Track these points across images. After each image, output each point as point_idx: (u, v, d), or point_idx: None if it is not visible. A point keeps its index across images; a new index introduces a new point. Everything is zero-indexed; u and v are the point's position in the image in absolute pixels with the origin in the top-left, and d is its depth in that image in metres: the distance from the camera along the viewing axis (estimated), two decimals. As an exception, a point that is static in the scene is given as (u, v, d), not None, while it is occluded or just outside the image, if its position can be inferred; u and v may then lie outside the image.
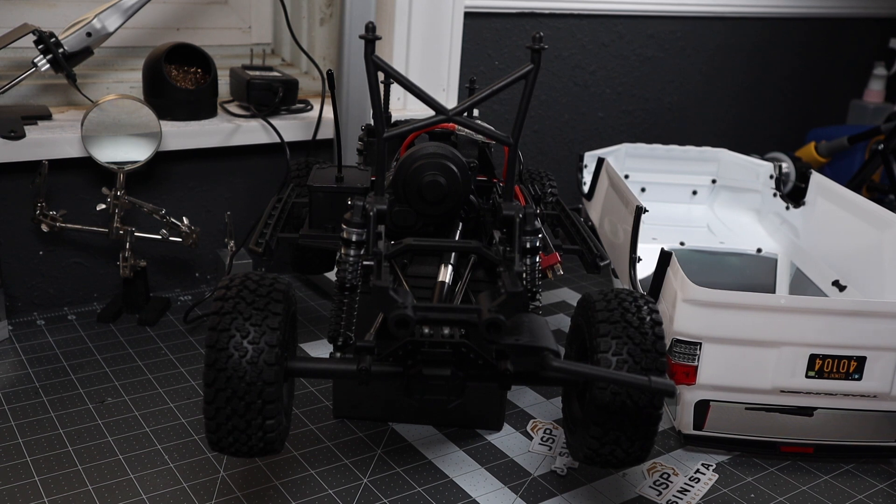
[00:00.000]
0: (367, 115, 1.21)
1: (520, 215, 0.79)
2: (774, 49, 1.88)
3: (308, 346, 1.09)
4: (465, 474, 0.85)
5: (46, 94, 1.19)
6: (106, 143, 1.09)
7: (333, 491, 0.81)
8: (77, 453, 0.84)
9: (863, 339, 0.84)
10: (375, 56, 0.74)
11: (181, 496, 0.78)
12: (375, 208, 0.77)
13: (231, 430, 0.68)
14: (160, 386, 0.97)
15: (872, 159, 1.61)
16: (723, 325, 0.85)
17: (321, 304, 1.22)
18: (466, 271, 0.79)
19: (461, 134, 0.94)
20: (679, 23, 1.70)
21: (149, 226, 1.15)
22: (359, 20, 1.18)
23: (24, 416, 0.90)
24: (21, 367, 1.00)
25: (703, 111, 1.83)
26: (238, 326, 0.67)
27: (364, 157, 1.04)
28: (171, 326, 1.12)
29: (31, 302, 1.15)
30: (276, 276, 0.73)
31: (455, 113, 0.76)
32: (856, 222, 1.10)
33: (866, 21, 2.01)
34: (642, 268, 1.06)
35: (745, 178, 1.40)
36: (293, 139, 1.24)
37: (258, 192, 1.28)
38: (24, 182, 1.09)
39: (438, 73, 1.39)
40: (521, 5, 1.48)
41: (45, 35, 1.07)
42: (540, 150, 1.62)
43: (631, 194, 1.05)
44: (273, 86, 1.22)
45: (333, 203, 0.91)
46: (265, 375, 0.66)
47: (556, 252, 0.90)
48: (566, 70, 1.59)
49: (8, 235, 1.11)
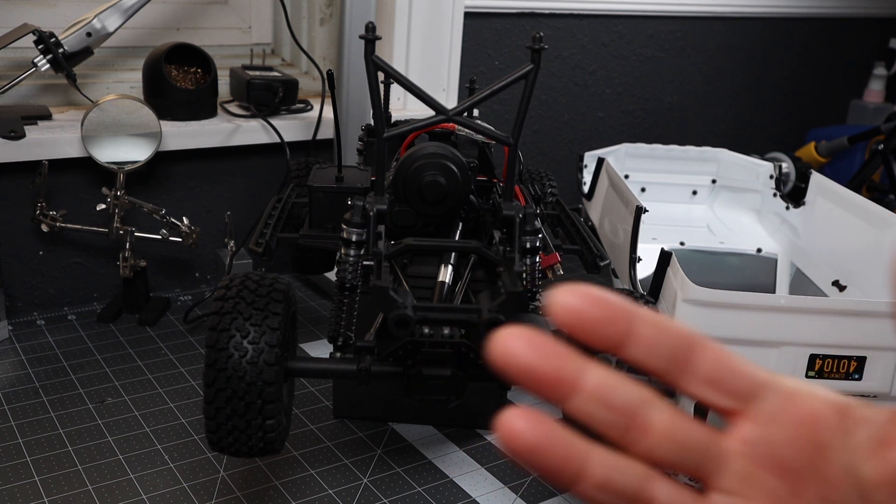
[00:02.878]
0: (367, 115, 1.21)
1: (520, 215, 0.79)
2: (774, 49, 1.88)
3: (308, 346, 1.09)
4: (465, 474, 0.85)
5: (46, 94, 1.19)
6: (106, 143, 1.09)
7: (333, 491, 0.81)
8: (77, 453, 0.84)
9: (863, 340, 0.84)
10: (375, 56, 0.74)
11: (181, 496, 0.78)
12: (375, 208, 0.77)
13: (231, 430, 0.68)
14: (160, 386, 0.97)
15: (872, 159, 1.61)
16: (723, 325, 0.85)
17: (321, 304, 1.22)
18: (466, 271, 0.79)
19: (461, 134, 0.93)
20: (679, 23, 1.70)
21: (149, 226, 1.15)
22: (359, 20, 1.18)
23: (24, 416, 0.90)
24: (21, 367, 1.00)
25: (703, 111, 1.83)
26: (238, 326, 0.67)
27: (364, 157, 1.04)
28: (171, 326, 1.12)
29: (31, 302, 1.15)
30: (276, 276, 0.73)
31: (455, 113, 0.76)
32: (856, 222, 1.10)
33: (866, 21, 2.01)
34: (642, 268, 1.06)
35: (745, 178, 1.40)
36: (293, 139, 1.24)
37: (258, 192, 1.28)
38: (24, 182, 1.09)
39: (438, 73, 1.39)
40: (521, 5, 1.48)
41: (45, 35, 1.07)
42: (540, 150, 1.62)
43: (631, 194, 1.05)
44: (273, 86, 1.22)
45: (333, 203, 0.91)
46: (265, 375, 0.66)
47: (556, 252, 0.90)
48: (566, 70, 1.59)
49: (8, 235, 1.11)
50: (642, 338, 0.27)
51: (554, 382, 0.26)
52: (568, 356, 0.27)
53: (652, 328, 0.28)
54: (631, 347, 0.27)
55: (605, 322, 0.27)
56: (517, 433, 0.26)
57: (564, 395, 0.27)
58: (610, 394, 0.27)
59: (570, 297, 0.26)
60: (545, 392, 0.26)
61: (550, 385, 0.26)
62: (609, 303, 0.27)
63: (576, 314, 0.26)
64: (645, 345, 0.28)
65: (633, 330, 0.27)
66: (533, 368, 0.26)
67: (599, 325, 0.27)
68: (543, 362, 0.26)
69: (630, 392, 0.27)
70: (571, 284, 0.27)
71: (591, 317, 0.27)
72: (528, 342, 0.26)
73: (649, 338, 0.28)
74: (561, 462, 0.27)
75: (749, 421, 0.29)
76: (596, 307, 0.27)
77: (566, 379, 0.26)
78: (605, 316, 0.27)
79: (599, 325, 0.27)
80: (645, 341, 0.27)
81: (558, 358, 0.26)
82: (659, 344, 0.28)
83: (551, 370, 0.26)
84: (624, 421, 0.27)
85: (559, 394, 0.27)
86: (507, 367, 0.26)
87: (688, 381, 0.28)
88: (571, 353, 0.27)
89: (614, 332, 0.27)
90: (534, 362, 0.26)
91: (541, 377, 0.26)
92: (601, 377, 0.27)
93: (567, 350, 0.27)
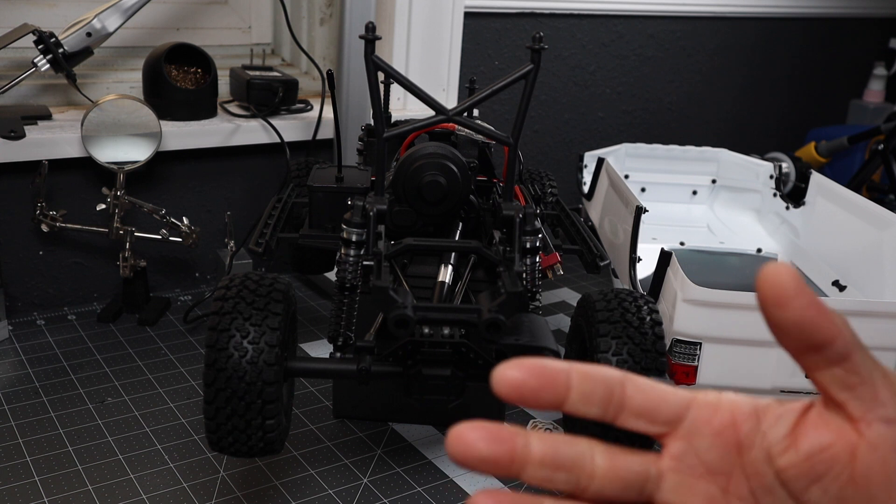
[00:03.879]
0: (367, 115, 1.21)
1: (520, 215, 0.79)
2: (774, 49, 1.88)
3: (308, 346, 1.09)
4: (466, 474, 0.85)
5: (46, 94, 1.19)
6: (106, 143, 1.09)
7: (333, 491, 0.81)
8: (77, 453, 0.84)
9: (863, 339, 0.84)
10: (375, 56, 0.74)
11: (181, 496, 0.78)
12: (375, 208, 0.77)
13: (231, 430, 0.68)
14: (160, 386, 0.97)
15: (872, 159, 1.61)
16: (723, 325, 0.85)
17: (321, 304, 1.22)
18: (466, 271, 0.79)
19: (461, 134, 0.93)
20: (679, 23, 1.70)
21: (149, 226, 1.15)
22: (359, 20, 1.18)
23: (24, 416, 0.90)
24: (21, 367, 1.00)
25: (703, 111, 1.83)
26: (238, 326, 0.67)
27: (364, 157, 1.04)
28: (171, 326, 1.12)
29: (31, 302, 1.15)
30: (276, 276, 0.73)
31: (455, 113, 0.76)
32: (856, 222, 1.10)
33: (866, 21, 2.01)
34: (642, 268, 1.06)
35: (745, 178, 1.40)
36: (293, 139, 1.24)
37: (258, 192, 1.28)
38: (24, 182, 1.09)
39: (438, 73, 1.39)
40: (521, 5, 1.48)
41: (45, 35, 1.07)
42: (540, 150, 1.62)
43: (631, 194, 1.05)
44: (273, 86, 1.22)
45: (333, 203, 0.91)
46: (265, 375, 0.66)
47: (556, 252, 0.90)
48: (566, 70, 1.59)
49: (8, 235, 1.11)
50: (577, 395, 0.32)
51: (507, 464, 0.31)
52: (515, 437, 0.31)
53: (585, 381, 0.32)
54: (569, 403, 0.32)
55: (543, 388, 0.31)
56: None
57: (518, 470, 0.31)
58: (554, 456, 0.31)
59: (511, 372, 0.31)
60: (501, 472, 0.31)
61: (505, 466, 0.31)
62: (545, 370, 0.31)
63: (517, 387, 0.31)
64: (581, 397, 0.32)
65: (570, 387, 0.32)
66: (488, 458, 0.30)
67: (539, 391, 0.31)
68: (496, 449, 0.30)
69: (571, 448, 0.32)
70: (514, 360, 0.31)
71: (532, 387, 0.31)
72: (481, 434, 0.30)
73: (583, 391, 0.32)
74: None
75: (676, 439, 0.33)
76: (534, 377, 0.31)
77: (517, 458, 0.31)
78: (543, 383, 0.31)
79: (539, 391, 0.31)
80: (579, 397, 0.32)
81: (508, 441, 0.31)
82: (592, 393, 0.32)
83: (504, 454, 0.30)
84: (574, 475, 0.32)
85: (513, 471, 0.31)
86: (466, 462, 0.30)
87: (624, 419, 0.33)
88: (517, 432, 0.31)
89: (553, 395, 0.31)
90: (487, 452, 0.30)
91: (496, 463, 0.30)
92: (545, 444, 0.31)
93: (513, 431, 0.31)
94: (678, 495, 0.32)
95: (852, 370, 0.30)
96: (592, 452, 0.32)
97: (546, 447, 0.31)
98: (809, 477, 0.30)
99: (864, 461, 0.30)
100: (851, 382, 0.30)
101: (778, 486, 0.31)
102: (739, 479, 0.31)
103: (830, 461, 0.30)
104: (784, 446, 0.31)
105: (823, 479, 0.30)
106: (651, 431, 0.33)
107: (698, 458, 0.32)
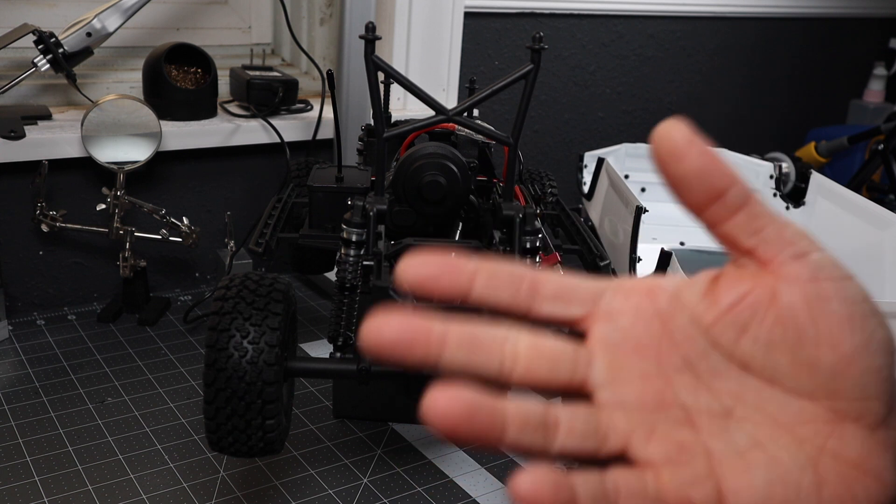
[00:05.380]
0: (367, 115, 1.21)
1: (520, 215, 0.79)
2: (774, 49, 1.88)
3: (308, 346, 1.09)
4: (465, 474, 0.85)
5: (46, 94, 1.19)
6: (106, 143, 1.09)
7: (333, 491, 0.81)
8: (77, 453, 0.84)
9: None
10: (375, 56, 0.74)
11: (181, 496, 0.78)
12: (375, 208, 0.77)
13: (231, 430, 0.68)
14: (160, 386, 0.97)
15: (872, 159, 1.61)
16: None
17: (321, 304, 1.22)
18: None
19: (461, 134, 0.93)
20: (679, 23, 1.70)
21: (149, 226, 1.15)
22: (359, 20, 1.18)
23: (24, 416, 0.90)
24: (21, 367, 1.00)
25: (703, 111, 1.83)
26: (238, 326, 0.67)
27: (364, 157, 1.04)
28: (171, 326, 1.12)
29: (31, 302, 1.15)
30: (276, 276, 0.73)
31: (455, 113, 0.76)
32: (856, 222, 1.10)
33: (866, 21, 2.01)
34: (642, 268, 1.06)
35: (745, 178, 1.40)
36: (293, 139, 1.24)
37: (258, 192, 1.28)
38: (24, 182, 1.09)
39: (438, 73, 1.39)
40: (521, 5, 1.48)
41: (45, 35, 1.07)
42: (540, 150, 1.62)
43: (631, 194, 1.05)
44: (273, 86, 1.22)
45: (333, 203, 0.91)
46: (265, 375, 0.66)
47: (556, 252, 0.90)
48: (566, 70, 1.59)
49: (8, 235, 1.11)
50: (482, 281, 0.31)
51: (423, 345, 0.29)
52: (431, 320, 0.30)
53: (488, 271, 0.31)
54: (475, 291, 0.31)
55: (445, 275, 0.30)
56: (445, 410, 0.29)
57: (436, 356, 0.29)
58: (473, 337, 0.30)
59: (412, 262, 0.30)
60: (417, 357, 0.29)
61: (421, 348, 0.29)
62: (448, 258, 0.30)
63: (419, 274, 0.30)
64: (486, 285, 0.31)
65: (475, 274, 0.31)
66: (400, 340, 0.29)
67: (441, 279, 0.30)
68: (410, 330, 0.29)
69: (492, 329, 0.30)
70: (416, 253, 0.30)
71: (432, 273, 0.30)
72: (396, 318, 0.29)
73: (488, 279, 0.31)
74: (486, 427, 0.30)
75: (598, 321, 0.32)
76: (435, 266, 0.30)
77: (433, 341, 0.29)
78: (444, 271, 0.30)
79: (441, 279, 0.30)
80: (485, 283, 0.31)
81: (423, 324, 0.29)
82: (498, 282, 0.31)
83: (420, 336, 0.29)
84: (496, 356, 0.30)
85: (431, 355, 0.29)
86: (378, 350, 0.29)
87: (537, 307, 0.31)
88: (434, 316, 0.30)
89: (456, 283, 0.30)
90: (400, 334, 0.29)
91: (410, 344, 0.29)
92: (463, 328, 0.30)
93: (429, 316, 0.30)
94: (614, 374, 0.31)
95: (754, 214, 0.31)
96: (516, 333, 0.31)
97: (465, 328, 0.30)
98: (736, 327, 0.30)
99: (785, 299, 0.29)
100: (757, 226, 0.30)
101: (710, 348, 0.30)
102: (670, 350, 0.31)
103: (753, 306, 0.30)
104: (705, 306, 0.31)
105: (750, 327, 0.30)
106: (568, 315, 0.32)
107: (623, 335, 0.31)
